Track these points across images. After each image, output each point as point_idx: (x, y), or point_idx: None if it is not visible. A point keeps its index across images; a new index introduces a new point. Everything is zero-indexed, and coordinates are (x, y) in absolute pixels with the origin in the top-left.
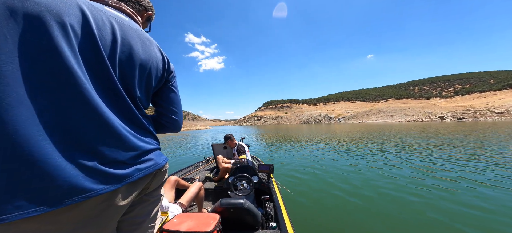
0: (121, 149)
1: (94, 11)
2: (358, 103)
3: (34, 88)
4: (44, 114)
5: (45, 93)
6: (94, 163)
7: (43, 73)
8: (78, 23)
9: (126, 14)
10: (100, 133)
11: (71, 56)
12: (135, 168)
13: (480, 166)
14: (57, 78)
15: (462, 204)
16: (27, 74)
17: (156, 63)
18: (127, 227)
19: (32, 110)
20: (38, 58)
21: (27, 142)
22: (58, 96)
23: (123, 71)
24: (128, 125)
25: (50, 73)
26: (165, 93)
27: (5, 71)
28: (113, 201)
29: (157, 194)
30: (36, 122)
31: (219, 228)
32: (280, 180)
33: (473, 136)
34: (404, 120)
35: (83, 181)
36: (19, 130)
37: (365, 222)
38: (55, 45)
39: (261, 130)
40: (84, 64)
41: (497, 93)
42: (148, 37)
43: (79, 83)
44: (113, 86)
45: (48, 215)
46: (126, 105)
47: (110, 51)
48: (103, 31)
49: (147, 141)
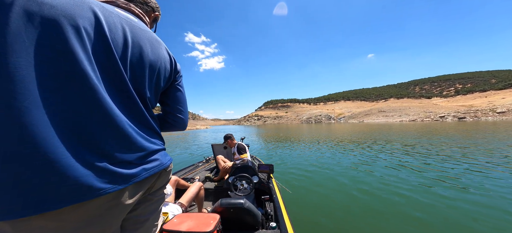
0: (130, 150)
1: (106, 13)
2: (358, 103)
3: (49, 91)
4: (59, 116)
5: (61, 96)
6: (104, 163)
7: (59, 76)
8: (91, 25)
9: (135, 15)
10: (111, 134)
11: (85, 59)
12: (142, 168)
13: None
14: (71, 81)
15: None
16: (44, 77)
17: (164, 64)
18: (131, 226)
19: (49, 113)
20: (53, 61)
21: (44, 144)
22: (73, 98)
23: (134, 72)
24: (137, 125)
25: (65, 76)
26: (172, 93)
27: (24, 75)
28: (120, 199)
29: (161, 193)
30: (52, 124)
31: (219, 228)
32: (280, 180)
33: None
34: (404, 119)
35: (93, 180)
36: (37, 133)
37: (366, 222)
38: (70, 49)
39: (261, 130)
40: (97, 66)
41: (498, 92)
42: (157, 38)
43: (92, 86)
44: (125, 88)
45: (57, 213)
46: (137, 106)
47: (121, 53)
48: (115, 33)
49: (154, 141)
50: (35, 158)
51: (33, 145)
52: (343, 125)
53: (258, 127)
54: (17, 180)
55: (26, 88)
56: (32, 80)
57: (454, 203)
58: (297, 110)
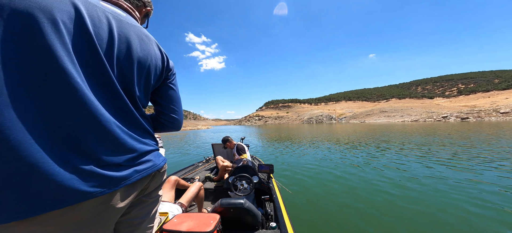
0: (118, 151)
1: (88, 7)
2: (360, 103)
3: (24, 90)
4: (36, 116)
5: (37, 95)
6: (90, 166)
7: (34, 74)
8: (71, 19)
9: (124, 10)
10: (96, 136)
11: (64, 55)
12: (133, 169)
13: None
14: (49, 79)
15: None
16: (17, 75)
17: (154, 61)
18: (125, 229)
19: (23, 113)
20: (28, 57)
21: (18, 147)
22: (51, 97)
23: (121, 69)
24: (125, 125)
25: (42, 74)
26: (164, 92)
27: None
28: (111, 203)
29: (156, 194)
30: (27, 125)
31: (219, 228)
32: (280, 180)
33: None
34: (406, 119)
35: (78, 184)
36: (9, 135)
37: (366, 223)
38: (46, 44)
39: (262, 130)
40: (78, 63)
41: (502, 92)
42: (146, 33)
43: (73, 83)
44: (110, 86)
45: (42, 218)
46: (124, 105)
47: (107, 49)
48: (99, 28)
49: (145, 141)
50: (9, 162)
51: (8, 148)
52: (344, 125)
53: (259, 127)
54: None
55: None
56: (3, 78)
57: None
58: (298, 110)
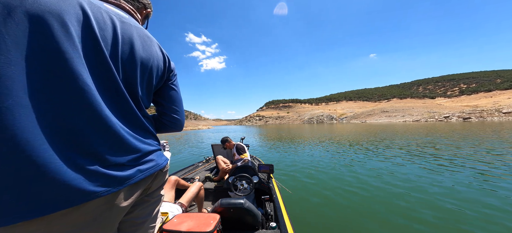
0: (122, 151)
1: (94, 9)
2: (360, 103)
3: (35, 91)
4: (45, 117)
5: (47, 96)
6: (95, 166)
7: (45, 75)
8: (79, 22)
9: (126, 11)
10: (102, 136)
11: (74, 57)
12: (136, 169)
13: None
14: (59, 80)
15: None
16: (28, 76)
17: (157, 62)
18: (128, 228)
19: (33, 114)
20: (39, 59)
21: (27, 146)
22: (60, 98)
23: (125, 70)
24: (129, 126)
25: (53, 75)
26: (166, 92)
27: (3, 73)
28: (115, 202)
29: (158, 194)
30: (37, 125)
31: (219, 228)
32: (280, 180)
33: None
34: (408, 119)
35: (84, 183)
36: (18, 134)
37: (366, 223)
38: (57, 46)
39: (262, 130)
40: (86, 64)
41: (504, 92)
42: (148, 35)
43: (83, 86)
44: (115, 87)
45: (50, 217)
46: (128, 106)
47: (111, 50)
48: (104, 30)
49: (148, 142)
50: (19, 162)
51: (11, 148)
52: (345, 125)
53: (259, 127)
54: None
55: (7, 87)
56: (14, 79)
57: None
58: (299, 110)
